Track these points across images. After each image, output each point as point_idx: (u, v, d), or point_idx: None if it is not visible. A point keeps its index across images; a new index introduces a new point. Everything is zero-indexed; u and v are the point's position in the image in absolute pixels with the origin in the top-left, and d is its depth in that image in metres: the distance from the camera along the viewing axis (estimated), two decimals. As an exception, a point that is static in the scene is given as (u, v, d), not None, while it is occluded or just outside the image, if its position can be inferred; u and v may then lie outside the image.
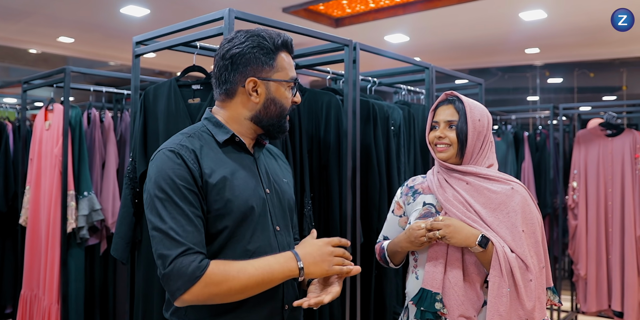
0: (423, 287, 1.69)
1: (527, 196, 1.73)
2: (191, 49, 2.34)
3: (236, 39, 1.42)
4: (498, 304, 1.59)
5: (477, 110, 1.78)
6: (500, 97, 7.88)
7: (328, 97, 2.39)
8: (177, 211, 1.28)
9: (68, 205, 2.95)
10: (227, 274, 1.26)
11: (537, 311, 1.63)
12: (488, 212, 1.69)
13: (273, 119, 1.46)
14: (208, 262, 1.26)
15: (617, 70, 7.02)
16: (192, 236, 1.28)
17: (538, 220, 1.72)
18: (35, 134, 3.26)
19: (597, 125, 4.57)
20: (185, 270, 1.23)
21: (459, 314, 1.64)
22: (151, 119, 2.23)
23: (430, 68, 2.89)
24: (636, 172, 4.32)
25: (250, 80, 1.41)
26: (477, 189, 1.72)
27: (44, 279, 3.04)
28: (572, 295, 4.94)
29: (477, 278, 1.68)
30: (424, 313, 1.67)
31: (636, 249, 4.29)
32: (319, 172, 2.37)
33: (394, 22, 6.10)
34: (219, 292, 1.26)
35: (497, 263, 1.61)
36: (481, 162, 1.77)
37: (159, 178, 1.32)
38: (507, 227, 1.66)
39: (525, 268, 1.63)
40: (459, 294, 1.65)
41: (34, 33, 6.68)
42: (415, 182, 1.90)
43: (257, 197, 1.42)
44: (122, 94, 3.46)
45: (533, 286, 1.63)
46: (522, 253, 1.63)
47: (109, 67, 8.32)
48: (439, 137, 1.77)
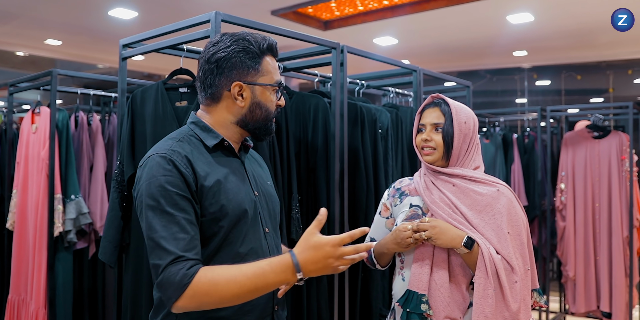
0: (409, 289, 1.70)
1: (512, 198, 1.74)
2: (178, 52, 2.34)
3: (222, 43, 1.42)
4: (484, 306, 1.60)
5: (463, 112, 1.78)
6: (488, 100, 7.92)
7: (316, 100, 2.39)
8: (169, 219, 1.27)
9: (55, 208, 2.93)
10: (216, 285, 1.23)
11: (522, 312, 1.64)
12: (474, 214, 1.70)
13: (259, 123, 1.46)
14: (197, 270, 1.24)
15: (604, 73, 7.08)
16: (184, 243, 1.26)
17: (523, 222, 1.73)
18: (22, 137, 3.23)
19: (584, 127, 4.61)
20: (174, 278, 1.22)
21: (444, 316, 1.65)
22: (139, 122, 2.22)
23: (418, 71, 2.90)
24: (623, 174, 4.36)
25: (235, 84, 1.41)
26: (464, 191, 1.73)
27: (31, 283, 3.02)
28: (560, 296, 4.97)
29: (463, 279, 1.69)
30: (410, 314, 1.67)
31: (623, 250, 4.33)
32: (307, 174, 2.38)
33: (383, 25, 6.12)
34: (210, 301, 1.24)
35: (483, 264, 1.61)
36: (467, 165, 1.78)
37: (150, 185, 1.30)
38: (492, 229, 1.67)
39: (510, 269, 1.64)
40: (445, 296, 1.66)
41: (21, 35, 6.64)
42: (402, 184, 1.91)
43: (249, 200, 1.42)
44: (110, 97, 3.45)
45: (518, 288, 1.64)
46: (508, 255, 1.64)
47: (96, 70, 8.28)
48: (425, 140, 1.78)
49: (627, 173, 4.33)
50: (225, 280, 1.23)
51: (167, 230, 1.26)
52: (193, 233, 1.29)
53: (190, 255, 1.25)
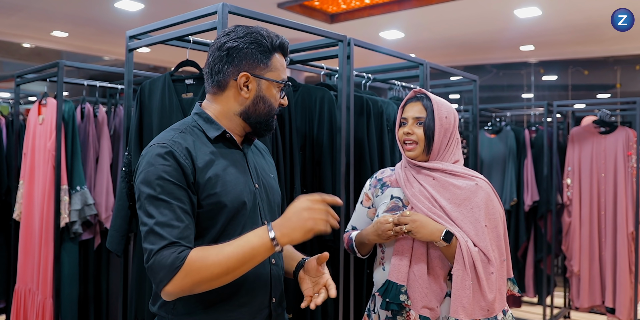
0: (389, 279, 1.76)
1: (490, 192, 1.80)
2: (185, 44, 2.33)
3: (234, 33, 1.43)
4: (462, 296, 1.67)
5: (444, 107, 1.84)
6: (494, 94, 7.90)
7: (322, 92, 2.39)
8: (165, 206, 1.28)
9: (61, 199, 2.94)
10: (206, 259, 1.24)
11: (498, 302, 1.71)
12: (453, 207, 1.75)
13: (261, 117, 1.46)
14: (188, 252, 1.25)
15: (611, 68, 7.05)
16: (178, 231, 1.27)
17: (500, 215, 1.80)
18: (28, 128, 3.25)
19: (590, 122, 4.59)
20: (166, 261, 1.23)
21: (422, 306, 1.72)
22: (146, 113, 2.23)
23: (424, 64, 2.89)
24: (629, 170, 4.34)
25: (243, 74, 1.41)
26: (443, 184, 1.79)
27: (37, 273, 3.04)
28: (565, 291, 4.97)
29: (440, 271, 1.76)
30: (389, 304, 1.74)
31: (628, 246, 4.32)
32: (312, 167, 2.38)
33: (389, 19, 6.10)
34: (201, 278, 1.24)
35: (461, 257, 1.68)
36: (447, 158, 1.84)
37: (149, 174, 1.31)
38: (470, 222, 1.73)
39: (487, 261, 1.70)
40: (423, 287, 1.73)
41: (28, 27, 6.65)
42: (384, 175, 1.97)
43: (248, 192, 1.43)
44: (116, 89, 3.45)
45: (494, 278, 1.70)
46: (485, 247, 1.71)
47: (103, 62, 8.29)
48: (407, 133, 1.83)
49: (633, 169, 4.32)
50: (214, 254, 1.25)
51: (162, 216, 1.27)
52: (187, 222, 1.29)
53: (183, 243, 1.26)
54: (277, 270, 1.49)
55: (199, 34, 2.08)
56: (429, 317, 1.73)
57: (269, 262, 1.46)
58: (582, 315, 5.05)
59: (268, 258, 1.45)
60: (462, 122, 4.89)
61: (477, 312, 1.68)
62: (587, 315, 5.04)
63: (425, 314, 1.72)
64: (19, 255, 3.20)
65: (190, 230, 1.30)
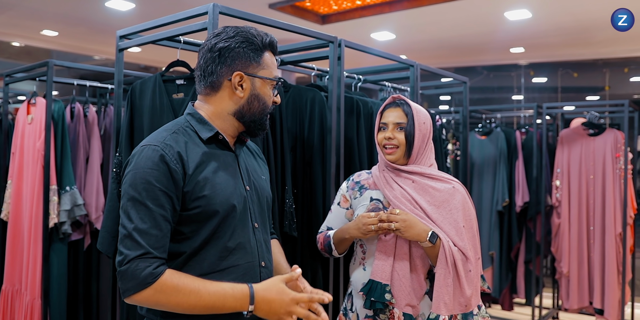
0: (372, 279, 1.82)
1: (465, 194, 1.89)
2: (175, 44, 2.33)
3: (224, 34, 1.44)
4: (443, 293, 1.74)
5: (422, 114, 1.92)
6: (485, 96, 7.93)
7: (312, 93, 2.39)
8: (146, 213, 1.29)
9: (50, 200, 2.93)
10: (178, 291, 1.27)
11: (474, 298, 1.81)
12: (433, 209, 1.83)
13: (255, 116, 1.47)
14: (163, 271, 1.27)
15: (600, 71, 7.10)
16: (154, 240, 1.28)
17: (474, 216, 1.89)
18: (17, 127, 3.23)
19: (579, 124, 4.62)
20: (139, 273, 1.25)
21: (405, 303, 1.79)
22: (137, 113, 2.23)
23: (415, 66, 2.91)
24: (617, 171, 4.38)
25: (237, 74, 1.42)
26: (422, 187, 1.86)
27: (26, 274, 3.02)
28: (554, 292, 5.00)
29: (422, 270, 1.83)
30: (374, 303, 1.80)
31: (616, 247, 4.35)
32: (303, 168, 2.38)
33: (381, 20, 6.12)
34: (166, 303, 1.27)
35: (444, 256, 1.75)
36: (424, 162, 1.92)
37: (136, 176, 1.32)
38: (450, 223, 1.81)
39: (465, 260, 1.79)
40: (406, 285, 1.80)
41: (17, 26, 6.61)
42: (360, 178, 2.02)
43: (239, 195, 1.43)
44: (106, 89, 3.43)
45: (471, 276, 1.80)
46: (464, 246, 1.79)
47: (93, 62, 8.25)
48: (388, 138, 1.89)
49: (621, 170, 4.35)
50: (188, 290, 1.27)
51: (142, 223, 1.29)
52: (165, 231, 1.31)
53: (157, 253, 1.28)
54: (267, 273, 1.49)
55: (190, 34, 2.08)
56: (412, 314, 1.79)
57: (258, 265, 1.46)
58: (570, 316, 5.08)
59: (257, 261, 1.45)
60: (452, 124, 4.91)
61: (456, 307, 1.77)
62: (575, 316, 5.07)
63: (408, 312, 1.79)
64: (6, 255, 3.18)
65: (167, 239, 1.32)
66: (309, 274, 2.36)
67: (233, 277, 1.39)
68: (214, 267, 1.38)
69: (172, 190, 1.32)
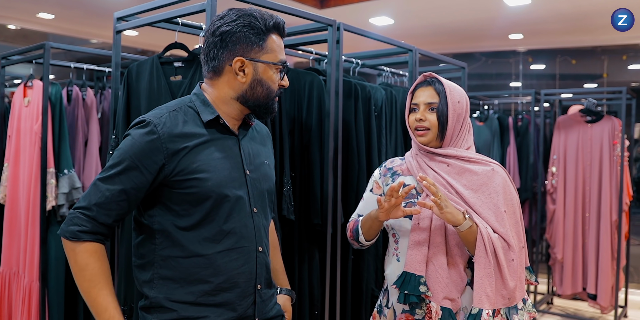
0: (406, 271, 1.68)
1: (506, 177, 1.73)
2: (173, 26, 2.32)
3: (227, 17, 1.42)
4: (485, 285, 1.59)
5: (457, 92, 1.76)
6: (483, 83, 7.92)
7: (311, 77, 2.39)
8: (111, 177, 1.34)
9: (48, 183, 2.93)
10: (81, 270, 1.35)
11: (518, 290, 1.65)
12: (470, 193, 1.68)
13: (259, 100, 1.46)
14: (85, 239, 1.34)
15: (599, 58, 7.08)
16: (102, 201, 1.34)
17: (517, 201, 1.73)
18: (13, 110, 3.21)
19: (577, 111, 4.63)
20: (69, 225, 1.35)
21: (443, 297, 1.64)
22: (134, 96, 2.22)
23: (413, 50, 2.90)
24: (614, 158, 4.39)
25: (237, 59, 1.41)
26: (459, 170, 1.71)
27: (24, 257, 3.03)
28: (548, 278, 5.04)
29: (460, 260, 1.68)
30: (408, 296, 1.65)
31: (611, 234, 4.38)
32: (301, 152, 2.38)
33: (379, 5, 6.07)
34: (70, 263, 1.37)
35: (482, 244, 1.60)
36: (460, 144, 1.76)
37: (125, 143, 1.36)
38: (489, 207, 1.66)
39: (507, 248, 1.63)
40: (443, 277, 1.65)
41: (13, 8, 6.54)
42: (393, 164, 1.89)
43: (235, 178, 1.43)
44: (104, 72, 3.42)
45: (515, 265, 1.63)
46: (505, 233, 1.63)
47: (89, 45, 8.18)
48: (419, 120, 1.74)
49: (618, 158, 4.37)
50: (87, 278, 1.35)
51: (103, 184, 1.34)
52: (118, 199, 1.34)
53: (97, 214, 1.34)
54: (264, 257, 1.50)
55: (188, 16, 2.06)
56: (451, 308, 1.64)
57: (255, 250, 1.46)
58: (564, 302, 5.13)
59: (255, 245, 1.46)
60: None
61: (499, 300, 1.61)
62: (569, 302, 5.12)
63: (447, 305, 1.64)
64: (3, 238, 3.18)
65: (114, 205, 1.35)
66: (305, 258, 2.38)
67: (227, 261, 1.40)
68: (207, 250, 1.39)
69: (146, 167, 1.34)
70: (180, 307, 1.38)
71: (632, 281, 5.68)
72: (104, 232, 1.36)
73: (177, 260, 1.38)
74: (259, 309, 1.47)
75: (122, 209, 1.36)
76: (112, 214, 1.35)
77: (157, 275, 1.39)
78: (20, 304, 3.00)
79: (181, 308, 1.38)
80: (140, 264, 1.43)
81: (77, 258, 1.34)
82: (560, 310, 4.93)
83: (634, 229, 5.84)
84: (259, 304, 1.48)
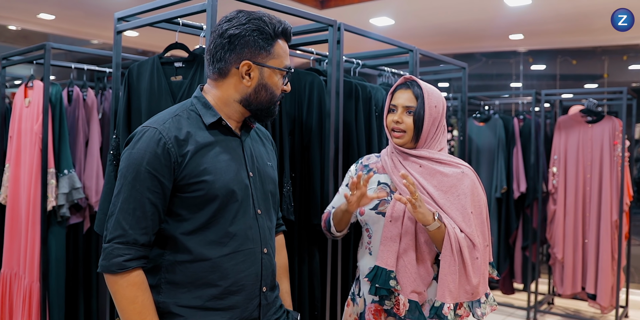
0: (377, 265, 1.78)
1: (475, 179, 1.83)
2: (174, 27, 2.32)
3: (236, 20, 1.41)
4: (448, 281, 1.70)
5: (434, 96, 1.84)
6: (483, 83, 7.92)
7: (311, 77, 2.39)
8: (131, 194, 1.32)
9: (48, 183, 2.93)
10: (131, 303, 1.32)
11: (482, 286, 1.76)
12: (440, 194, 1.77)
13: (262, 104, 1.46)
14: (131, 267, 1.31)
15: (599, 58, 7.08)
16: (135, 222, 1.32)
17: (484, 202, 1.83)
18: (14, 111, 3.21)
19: (578, 111, 4.62)
20: (111, 258, 1.31)
21: (411, 290, 1.75)
22: (135, 96, 2.22)
23: (414, 50, 2.90)
24: (614, 159, 4.39)
25: (245, 63, 1.40)
26: (430, 172, 1.81)
27: (24, 257, 3.03)
28: (549, 278, 5.04)
29: (428, 256, 1.79)
30: (379, 289, 1.77)
31: (611, 234, 4.38)
32: (301, 152, 2.38)
33: (380, 5, 6.07)
34: (116, 297, 1.33)
35: (449, 243, 1.70)
36: (434, 146, 1.86)
37: (130, 157, 1.34)
38: (457, 208, 1.75)
39: (472, 247, 1.74)
40: (412, 272, 1.76)
41: (14, 9, 6.55)
42: (370, 161, 1.97)
43: (240, 180, 1.42)
44: (104, 72, 3.42)
45: (479, 263, 1.75)
46: (471, 233, 1.74)
47: (90, 46, 8.19)
48: (396, 122, 1.83)
49: (618, 158, 4.36)
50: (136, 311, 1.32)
51: (126, 204, 1.32)
52: (149, 213, 1.33)
53: (134, 235, 1.31)
54: (269, 259, 1.50)
55: (189, 16, 2.07)
56: (417, 300, 1.75)
57: (260, 252, 1.46)
58: (565, 302, 5.13)
59: (260, 247, 1.46)
60: (450, 110, 4.91)
61: (462, 295, 1.73)
62: (570, 302, 5.12)
63: (414, 298, 1.75)
64: (4, 238, 3.18)
65: (149, 222, 1.33)
66: (305, 258, 2.38)
67: (234, 263, 1.40)
68: (213, 253, 1.38)
69: (163, 174, 1.33)
70: (188, 312, 1.37)
71: (632, 281, 5.68)
72: (146, 254, 1.36)
73: (184, 265, 1.38)
74: (263, 311, 1.48)
75: (155, 225, 1.35)
76: (149, 233, 1.34)
77: (164, 279, 1.39)
78: (21, 305, 3.00)
79: (189, 313, 1.37)
80: (147, 269, 1.42)
81: (124, 292, 1.31)
82: (561, 310, 4.92)
83: (634, 229, 5.84)
84: (264, 306, 1.48)
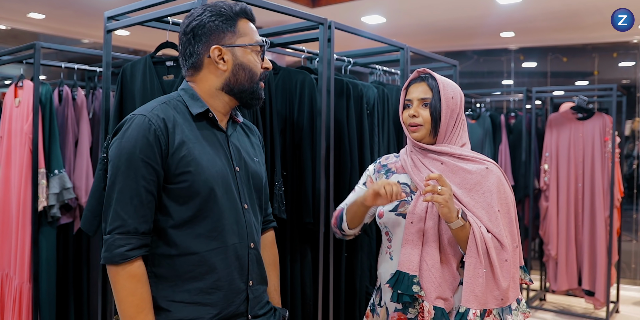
0: (399, 270, 1.65)
1: (501, 176, 1.70)
2: (164, 26, 2.31)
3: (194, 12, 1.44)
4: (474, 285, 1.57)
5: (450, 87, 1.74)
6: (475, 81, 7.93)
7: (302, 75, 2.38)
8: (127, 183, 1.31)
9: (39, 183, 2.91)
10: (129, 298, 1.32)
11: (512, 290, 1.62)
12: (464, 193, 1.65)
13: (244, 86, 1.46)
14: (134, 256, 1.32)
15: (589, 56, 7.11)
16: (133, 211, 1.31)
17: (512, 200, 1.70)
18: (5, 111, 3.19)
19: (568, 109, 4.65)
20: (113, 249, 1.31)
21: (436, 296, 1.61)
22: (128, 96, 2.22)
23: (405, 48, 2.90)
24: (605, 155, 4.41)
25: (214, 48, 1.41)
26: (452, 169, 1.69)
27: (15, 258, 3.01)
28: (541, 274, 5.06)
29: (453, 259, 1.66)
30: (401, 296, 1.63)
31: (605, 229, 4.40)
32: (293, 151, 2.38)
33: (371, 3, 6.07)
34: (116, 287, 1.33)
35: (474, 243, 1.57)
36: (455, 141, 1.73)
37: (121, 146, 1.34)
38: (483, 207, 1.63)
39: (500, 248, 1.60)
40: (436, 276, 1.62)
41: (3, 8, 6.50)
42: (388, 161, 1.87)
43: (224, 174, 1.42)
44: (95, 72, 3.40)
45: (508, 266, 1.61)
46: (499, 233, 1.61)
47: (81, 45, 8.14)
48: (412, 116, 1.72)
49: (609, 154, 4.39)
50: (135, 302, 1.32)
51: (122, 193, 1.32)
52: (146, 201, 1.33)
53: (134, 224, 1.31)
54: (255, 254, 1.50)
55: (179, 15, 2.06)
56: (444, 307, 1.61)
57: (247, 246, 1.46)
58: (557, 298, 5.16)
59: (246, 242, 1.46)
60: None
61: (491, 301, 1.58)
62: (562, 298, 5.15)
63: (440, 305, 1.61)
64: (-4, 239, 3.16)
65: (147, 210, 1.34)
66: (297, 256, 2.38)
67: (221, 258, 1.40)
68: (200, 247, 1.38)
69: (155, 161, 1.33)
70: (175, 306, 1.37)
71: (623, 277, 5.72)
72: (148, 242, 1.36)
73: (171, 259, 1.38)
74: (251, 305, 1.47)
75: (152, 213, 1.35)
76: (149, 220, 1.34)
77: (151, 273, 1.38)
78: (11, 306, 2.98)
79: (176, 308, 1.37)
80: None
81: (125, 283, 1.32)
82: (554, 306, 4.95)
83: (626, 225, 5.88)
84: (251, 300, 1.48)
